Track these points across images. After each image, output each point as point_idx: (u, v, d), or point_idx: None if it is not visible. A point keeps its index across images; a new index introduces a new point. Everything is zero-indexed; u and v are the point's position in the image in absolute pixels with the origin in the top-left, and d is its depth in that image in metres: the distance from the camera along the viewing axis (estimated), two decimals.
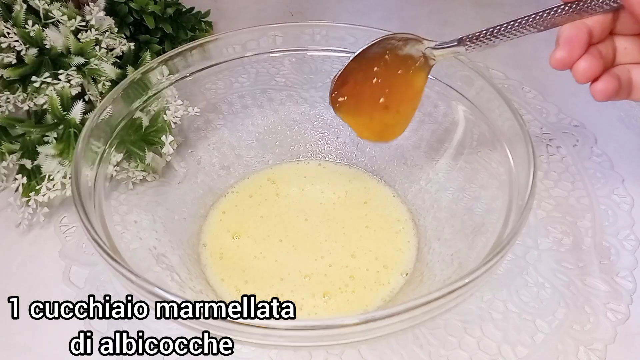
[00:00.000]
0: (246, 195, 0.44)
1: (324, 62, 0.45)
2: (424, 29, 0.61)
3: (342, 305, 0.37)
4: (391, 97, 0.37)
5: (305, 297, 0.37)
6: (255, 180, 0.45)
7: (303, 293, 0.37)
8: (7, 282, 0.39)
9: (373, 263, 0.39)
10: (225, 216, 0.43)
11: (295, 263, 0.39)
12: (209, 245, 0.41)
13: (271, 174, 0.46)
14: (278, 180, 0.45)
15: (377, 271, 0.39)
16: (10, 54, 0.41)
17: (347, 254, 0.40)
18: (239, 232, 0.41)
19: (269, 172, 0.46)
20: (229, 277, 0.39)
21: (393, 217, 0.42)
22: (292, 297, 0.37)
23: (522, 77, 0.55)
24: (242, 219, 0.42)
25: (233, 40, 0.43)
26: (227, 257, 0.40)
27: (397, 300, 0.37)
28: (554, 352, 0.35)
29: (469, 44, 0.33)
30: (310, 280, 0.38)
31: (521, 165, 0.34)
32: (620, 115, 0.51)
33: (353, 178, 0.45)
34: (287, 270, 0.39)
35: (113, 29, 0.45)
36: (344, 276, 0.38)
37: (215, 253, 0.40)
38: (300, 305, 0.37)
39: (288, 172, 0.46)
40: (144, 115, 0.40)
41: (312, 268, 0.39)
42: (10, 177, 0.42)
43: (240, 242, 0.41)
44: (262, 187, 0.45)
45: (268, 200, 0.44)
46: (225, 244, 0.41)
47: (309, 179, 0.46)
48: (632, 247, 0.40)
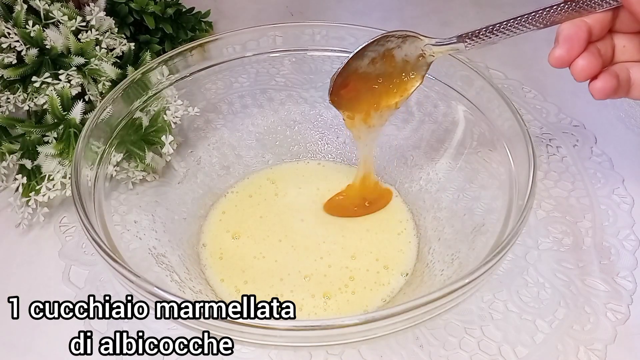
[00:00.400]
0: (246, 195, 0.44)
1: (324, 62, 0.45)
2: (424, 28, 0.61)
3: (342, 306, 0.37)
4: (388, 94, 0.37)
5: (305, 298, 0.37)
6: (255, 180, 0.45)
7: (303, 293, 0.37)
8: (7, 282, 0.39)
9: (373, 264, 0.39)
10: (224, 216, 0.43)
11: (295, 263, 0.39)
12: (209, 245, 0.41)
13: (271, 174, 0.46)
14: (278, 180, 0.45)
15: (377, 272, 0.39)
16: (10, 54, 0.41)
17: (347, 254, 0.40)
18: (239, 233, 0.41)
19: (268, 172, 0.46)
20: (229, 277, 0.39)
21: (395, 218, 0.42)
22: (292, 298, 0.37)
23: (522, 77, 0.55)
24: (241, 219, 0.42)
25: (233, 40, 0.43)
26: (227, 257, 0.40)
27: (397, 300, 0.37)
28: (554, 352, 0.35)
29: (468, 41, 0.33)
30: (310, 280, 0.38)
31: (521, 165, 0.34)
32: (620, 115, 0.51)
33: (352, 177, 0.45)
34: (287, 270, 0.39)
35: (113, 29, 0.45)
36: (343, 277, 0.38)
37: (215, 253, 0.40)
38: (300, 305, 0.37)
39: (288, 171, 0.46)
40: (144, 115, 0.40)
41: (311, 268, 0.39)
42: (10, 177, 0.42)
43: (239, 243, 0.41)
44: (262, 187, 0.45)
45: (267, 200, 0.44)
46: (225, 244, 0.41)
47: (308, 178, 0.46)
48: (632, 247, 0.40)
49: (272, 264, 0.39)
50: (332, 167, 0.47)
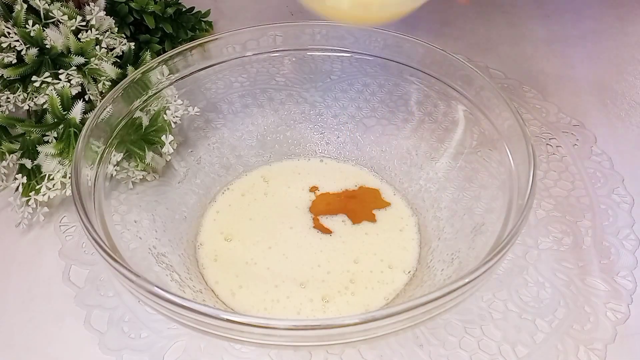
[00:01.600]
0: (239, 193, 0.44)
1: (324, 61, 0.45)
2: (424, 28, 0.61)
3: (342, 307, 0.37)
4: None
5: (303, 302, 0.37)
6: (250, 178, 0.45)
7: (300, 298, 0.37)
8: (7, 281, 0.39)
9: (378, 264, 0.39)
10: (219, 216, 0.42)
11: (289, 272, 0.38)
12: (205, 245, 0.40)
13: (267, 172, 0.45)
14: (271, 178, 0.45)
15: (381, 271, 0.38)
16: (10, 54, 0.41)
17: (349, 259, 0.39)
18: (231, 235, 0.41)
19: (265, 169, 0.46)
20: (224, 279, 0.38)
21: (396, 215, 0.42)
22: (289, 303, 0.37)
23: (522, 77, 0.55)
24: (233, 220, 0.42)
25: (233, 40, 0.43)
26: (221, 259, 0.39)
27: (397, 300, 0.37)
28: (554, 352, 0.35)
29: None
30: (307, 287, 0.37)
31: (521, 165, 0.34)
32: (620, 115, 0.51)
33: (351, 176, 0.45)
34: (281, 277, 0.38)
35: (113, 29, 0.45)
36: (344, 280, 0.38)
37: (210, 254, 0.40)
38: (297, 309, 0.36)
39: (284, 170, 0.46)
40: (144, 114, 0.40)
41: (307, 276, 0.38)
42: (10, 176, 0.42)
43: (232, 245, 0.40)
44: (255, 186, 0.44)
45: (257, 200, 0.43)
46: (219, 246, 0.40)
47: (305, 176, 0.45)
48: (632, 247, 0.40)
49: (264, 270, 0.38)
50: (332, 165, 0.46)
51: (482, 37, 0.60)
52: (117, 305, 0.37)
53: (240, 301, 0.37)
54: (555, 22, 0.63)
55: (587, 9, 0.65)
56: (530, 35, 0.61)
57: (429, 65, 0.41)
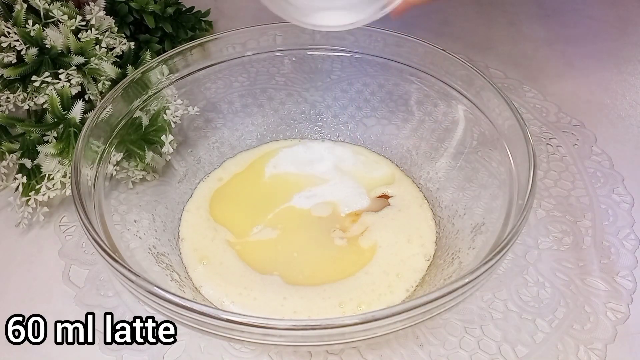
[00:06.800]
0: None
1: (324, 61, 0.45)
2: (424, 28, 0.61)
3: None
4: None
5: (304, 304, 0.36)
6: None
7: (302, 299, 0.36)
8: (7, 281, 0.39)
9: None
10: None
11: (290, 300, 0.36)
12: (191, 248, 0.39)
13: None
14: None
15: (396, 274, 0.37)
16: (10, 54, 0.41)
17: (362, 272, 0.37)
18: (205, 257, 0.39)
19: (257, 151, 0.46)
20: (217, 286, 0.37)
21: (413, 200, 0.42)
22: (289, 303, 0.36)
23: (522, 77, 0.55)
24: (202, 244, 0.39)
25: (233, 39, 0.43)
26: (211, 265, 0.39)
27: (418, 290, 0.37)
28: (554, 352, 0.35)
29: None
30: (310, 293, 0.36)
31: (521, 165, 0.34)
32: (620, 115, 0.51)
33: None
34: (280, 304, 0.36)
35: (113, 29, 0.45)
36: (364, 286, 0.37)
37: (199, 260, 0.38)
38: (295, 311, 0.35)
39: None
40: (144, 114, 0.40)
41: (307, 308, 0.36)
42: (10, 176, 0.42)
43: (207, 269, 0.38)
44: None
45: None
46: (206, 249, 0.39)
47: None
48: (632, 247, 0.40)
49: (259, 298, 0.36)
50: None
51: (482, 37, 0.60)
52: (117, 305, 0.37)
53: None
54: (555, 22, 0.63)
55: (587, 9, 0.65)
56: (530, 35, 0.61)
57: (429, 65, 0.41)
